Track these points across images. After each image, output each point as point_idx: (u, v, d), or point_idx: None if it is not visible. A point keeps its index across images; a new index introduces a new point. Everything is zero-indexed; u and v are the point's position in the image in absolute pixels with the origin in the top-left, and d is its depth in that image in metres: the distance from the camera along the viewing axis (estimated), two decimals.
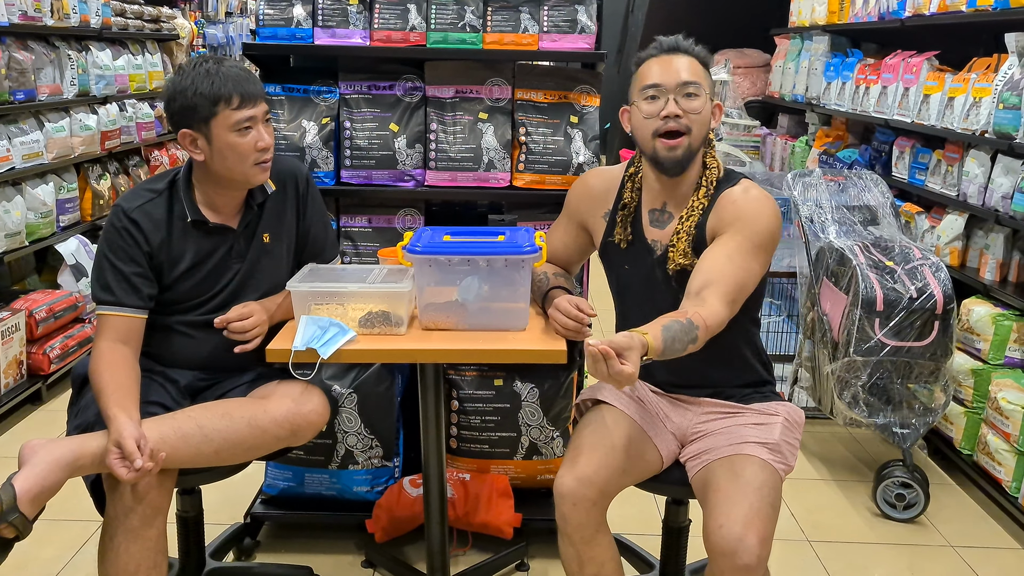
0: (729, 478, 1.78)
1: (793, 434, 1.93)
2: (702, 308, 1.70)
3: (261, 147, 1.89)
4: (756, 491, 1.74)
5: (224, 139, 1.86)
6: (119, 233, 1.89)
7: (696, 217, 1.87)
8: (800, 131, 5.17)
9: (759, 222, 1.82)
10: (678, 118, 1.81)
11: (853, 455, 3.29)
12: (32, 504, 1.64)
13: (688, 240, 1.86)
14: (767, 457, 1.82)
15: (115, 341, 1.86)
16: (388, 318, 1.87)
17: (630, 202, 1.95)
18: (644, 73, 1.86)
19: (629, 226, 1.95)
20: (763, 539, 1.67)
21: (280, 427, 1.87)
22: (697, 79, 1.83)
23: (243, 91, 1.85)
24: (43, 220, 3.73)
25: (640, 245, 1.95)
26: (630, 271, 1.97)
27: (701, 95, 1.82)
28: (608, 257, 2.02)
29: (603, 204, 2.01)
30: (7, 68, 3.47)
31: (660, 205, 1.94)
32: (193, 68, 1.86)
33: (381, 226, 2.55)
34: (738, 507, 1.70)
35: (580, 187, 2.08)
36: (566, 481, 1.79)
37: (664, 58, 1.84)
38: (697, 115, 1.82)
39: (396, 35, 2.45)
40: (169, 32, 5.20)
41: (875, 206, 3.23)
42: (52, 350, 3.58)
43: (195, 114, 1.85)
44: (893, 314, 2.75)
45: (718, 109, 1.90)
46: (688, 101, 1.82)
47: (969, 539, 2.75)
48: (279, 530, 2.68)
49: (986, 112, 3.01)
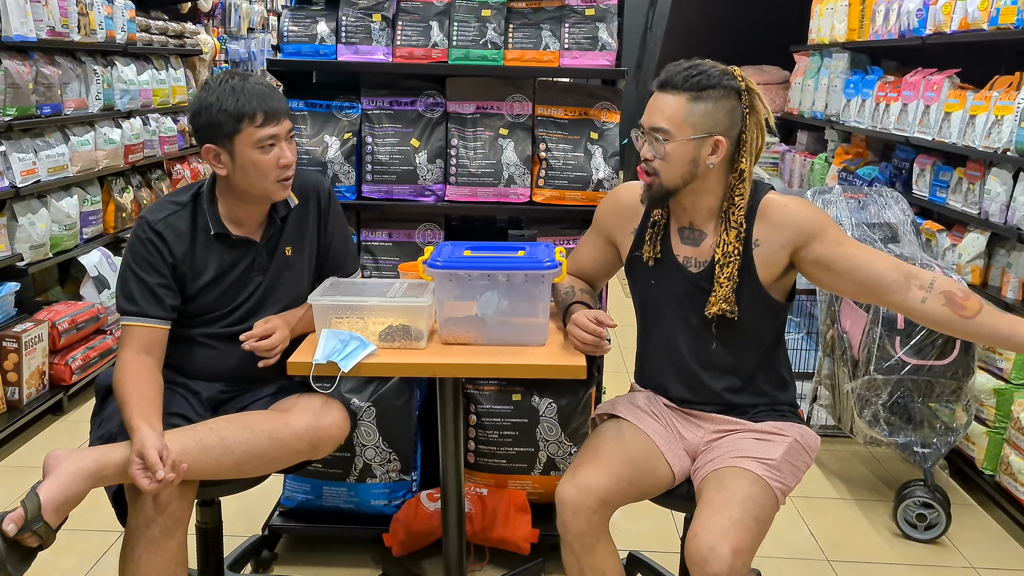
0: (716, 489, 1.78)
1: (800, 457, 1.90)
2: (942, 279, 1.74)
3: (283, 164, 1.91)
4: (739, 503, 1.73)
5: (247, 155, 1.88)
6: (143, 244, 1.92)
7: (736, 263, 1.85)
8: (819, 148, 5.15)
9: (824, 214, 1.87)
10: (647, 161, 1.84)
11: (873, 474, 3.26)
12: (56, 513, 1.66)
13: (731, 286, 1.85)
14: (761, 472, 1.80)
15: (138, 352, 1.87)
16: (408, 332, 1.88)
17: (659, 220, 1.95)
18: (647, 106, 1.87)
19: (658, 243, 1.95)
20: (737, 550, 1.65)
21: (301, 440, 1.87)
22: (666, 123, 1.79)
23: (267, 109, 1.86)
24: (67, 232, 3.77)
25: (669, 262, 1.94)
26: (657, 287, 1.97)
27: (671, 139, 1.79)
28: (634, 272, 2.02)
29: (631, 220, 2.01)
30: (35, 83, 3.52)
31: (687, 224, 1.94)
32: (219, 84, 1.87)
33: (401, 240, 2.56)
34: (717, 517, 1.70)
35: (610, 202, 2.07)
36: (566, 489, 1.80)
37: (655, 95, 1.84)
38: (662, 160, 1.81)
39: (418, 51, 2.47)
40: (192, 48, 5.26)
41: (895, 223, 3.22)
42: (74, 361, 3.62)
43: (219, 130, 1.86)
44: (914, 332, 2.73)
45: (718, 145, 1.81)
46: (656, 146, 1.82)
47: (991, 561, 2.72)
48: (297, 543, 2.68)
49: (1008, 130, 2.99)
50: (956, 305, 1.70)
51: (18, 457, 3.24)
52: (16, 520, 1.61)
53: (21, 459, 3.22)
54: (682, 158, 1.80)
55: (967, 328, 1.74)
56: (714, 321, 1.90)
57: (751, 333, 1.91)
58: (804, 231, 1.83)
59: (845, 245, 1.83)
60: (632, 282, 2.04)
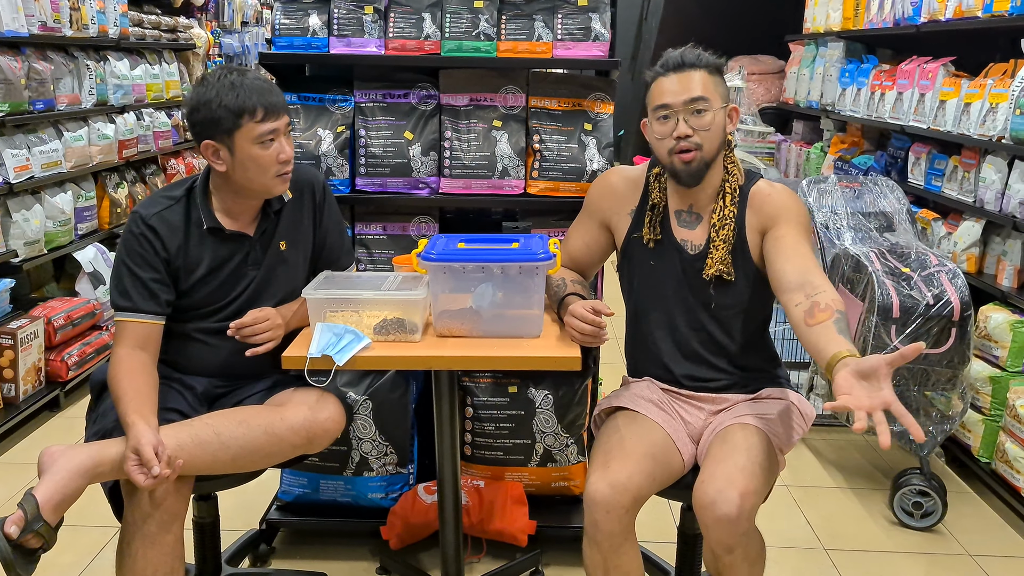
0: (718, 444, 1.84)
1: (797, 421, 1.96)
2: (825, 294, 1.74)
3: (283, 159, 1.90)
4: (744, 452, 1.78)
5: (247, 151, 1.87)
6: (137, 239, 1.91)
7: (730, 224, 1.92)
8: (815, 137, 5.15)
9: (799, 209, 1.92)
10: (688, 137, 1.86)
11: (870, 463, 3.27)
12: (55, 512, 1.66)
13: (727, 247, 1.92)
14: (762, 427, 1.86)
15: (133, 347, 1.87)
16: (403, 325, 1.88)
17: (659, 202, 2.00)
18: (655, 93, 1.90)
19: (658, 225, 1.99)
20: (745, 493, 1.69)
21: (297, 435, 1.88)
22: (704, 93, 1.86)
23: (267, 104, 1.86)
24: (61, 228, 3.76)
25: (669, 244, 1.99)
26: (656, 267, 2.01)
27: (710, 109, 1.86)
28: (631, 255, 2.05)
29: (628, 202, 2.05)
30: (27, 78, 3.51)
31: (686, 207, 1.99)
32: (217, 79, 1.86)
33: (396, 233, 2.56)
34: (723, 465, 1.75)
35: (602, 185, 2.10)
36: (600, 487, 1.75)
37: (672, 77, 1.88)
38: (707, 130, 1.87)
39: (411, 44, 2.46)
40: (186, 42, 5.24)
41: (891, 212, 3.22)
42: (70, 357, 3.61)
43: (219, 126, 1.85)
44: (909, 321, 2.73)
45: (734, 112, 1.93)
46: (697, 118, 1.86)
47: (987, 548, 2.73)
48: (294, 536, 2.69)
49: (1003, 118, 2.99)
50: (809, 314, 1.70)
51: (15, 454, 3.24)
52: (17, 522, 1.61)
53: (18, 456, 3.22)
54: (719, 126, 1.89)
55: (803, 334, 1.72)
56: (712, 286, 1.94)
57: (745, 307, 1.97)
58: (772, 215, 1.91)
59: (786, 239, 1.87)
60: (627, 265, 2.07)
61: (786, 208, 1.91)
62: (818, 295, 1.72)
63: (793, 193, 1.96)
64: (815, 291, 1.74)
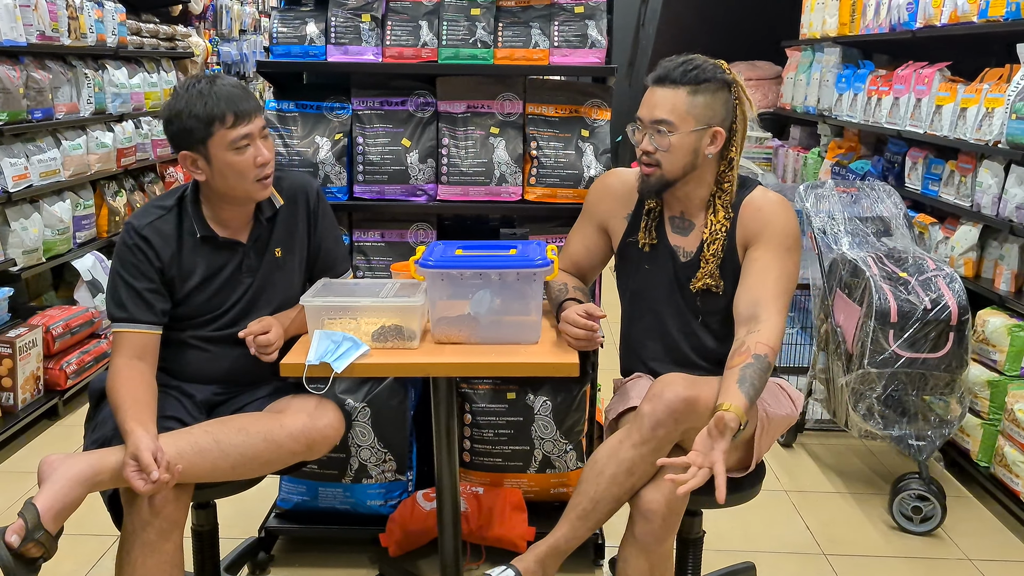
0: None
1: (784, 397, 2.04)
2: (760, 333, 1.79)
3: (260, 163, 1.90)
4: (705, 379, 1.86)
5: (223, 158, 1.87)
6: (130, 250, 1.91)
7: (721, 240, 1.94)
8: (812, 143, 5.16)
9: (785, 225, 1.92)
10: (648, 153, 1.90)
11: (868, 468, 3.27)
12: (55, 521, 1.66)
13: (716, 262, 1.95)
14: None
15: (131, 357, 1.87)
16: (401, 332, 1.88)
17: (654, 207, 2.02)
18: (641, 101, 1.93)
19: (653, 230, 2.02)
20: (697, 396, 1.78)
21: (296, 442, 1.88)
22: (670, 116, 1.86)
23: (237, 109, 1.85)
24: (60, 237, 3.76)
25: (663, 249, 2.02)
26: (650, 271, 2.03)
27: (675, 132, 1.87)
28: (627, 258, 2.07)
29: (624, 205, 2.07)
30: (25, 87, 3.52)
31: (678, 213, 2.01)
32: (187, 90, 1.87)
33: (393, 240, 2.56)
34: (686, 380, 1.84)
35: (600, 188, 2.13)
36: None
37: (651, 90, 1.91)
38: (665, 152, 1.88)
39: (408, 51, 2.47)
40: (184, 50, 5.25)
41: (888, 217, 3.22)
42: (69, 365, 3.61)
43: (191, 136, 1.86)
44: (907, 325, 2.74)
45: (717, 135, 1.90)
46: (659, 138, 1.88)
47: (987, 552, 2.73)
48: (293, 544, 2.68)
49: (999, 122, 3.00)
50: (733, 354, 1.81)
51: (13, 463, 3.23)
52: (18, 531, 1.61)
53: (16, 464, 3.22)
54: (684, 149, 1.88)
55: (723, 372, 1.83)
56: (699, 298, 1.97)
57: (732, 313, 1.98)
58: (756, 232, 1.93)
59: (757, 263, 1.90)
60: (623, 268, 2.09)
61: (769, 225, 1.91)
62: (751, 335, 1.80)
63: (783, 207, 1.95)
64: (754, 328, 1.81)
